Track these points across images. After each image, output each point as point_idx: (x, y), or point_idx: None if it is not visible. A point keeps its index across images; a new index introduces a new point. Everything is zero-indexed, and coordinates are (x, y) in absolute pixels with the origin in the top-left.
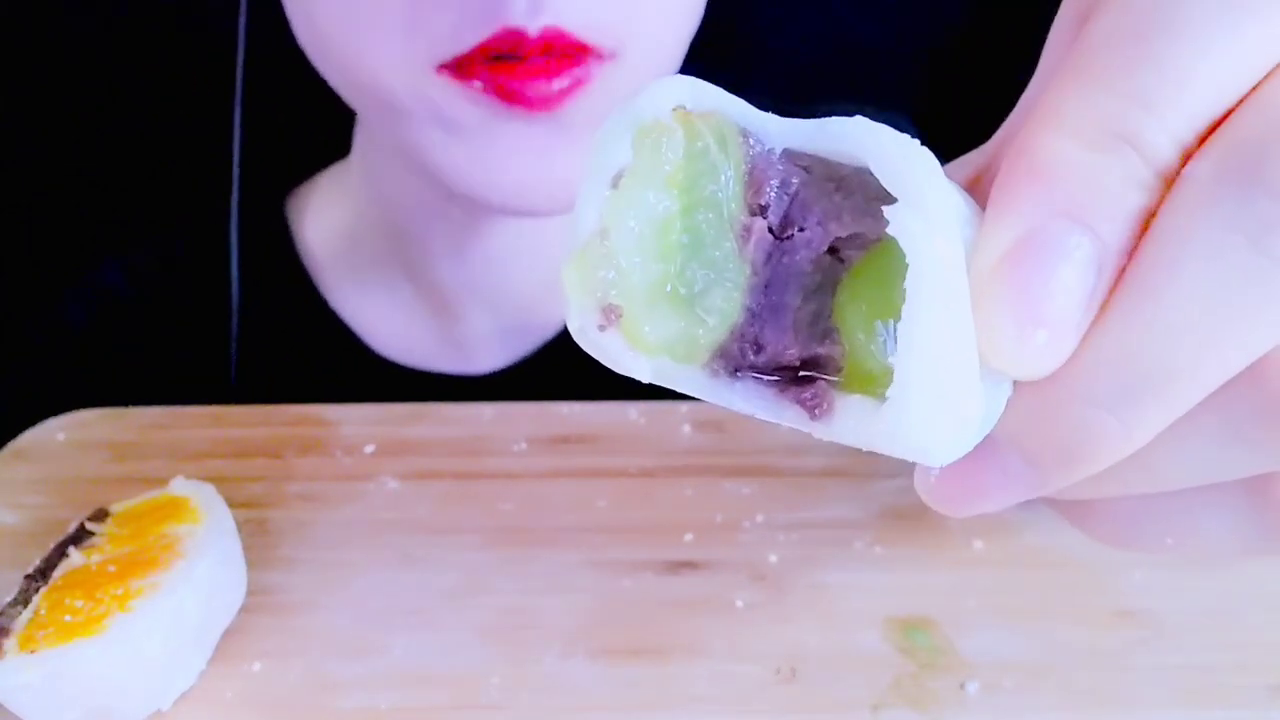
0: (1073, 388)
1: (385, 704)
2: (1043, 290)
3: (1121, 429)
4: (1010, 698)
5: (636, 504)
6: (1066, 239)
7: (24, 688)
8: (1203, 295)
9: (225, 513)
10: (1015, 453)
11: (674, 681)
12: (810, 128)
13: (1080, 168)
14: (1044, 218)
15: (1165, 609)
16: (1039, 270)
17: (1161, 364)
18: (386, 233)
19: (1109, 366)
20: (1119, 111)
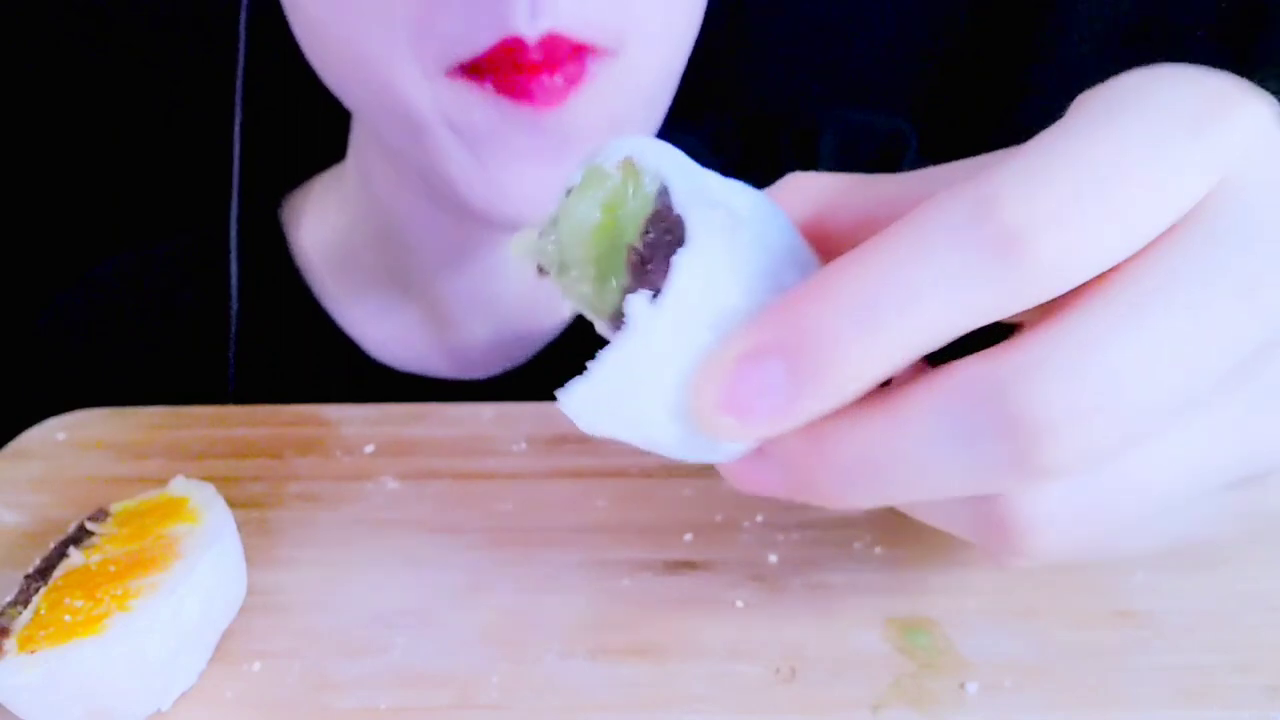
0: (822, 453)
1: (385, 703)
2: (738, 391)
3: (849, 498)
4: (1010, 697)
5: (636, 504)
6: (771, 370)
7: (24, 688)
8: (919, 447)
9: (225, 512)
10: (777, 470)
11: (673, 681)
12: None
13: (815, 325)
14: (770, 345)
15: (1164, 610)
16: (742, 378)
17: (885, 477)
18: (382, 240)
19: (849, 457)
20: (865, 296)
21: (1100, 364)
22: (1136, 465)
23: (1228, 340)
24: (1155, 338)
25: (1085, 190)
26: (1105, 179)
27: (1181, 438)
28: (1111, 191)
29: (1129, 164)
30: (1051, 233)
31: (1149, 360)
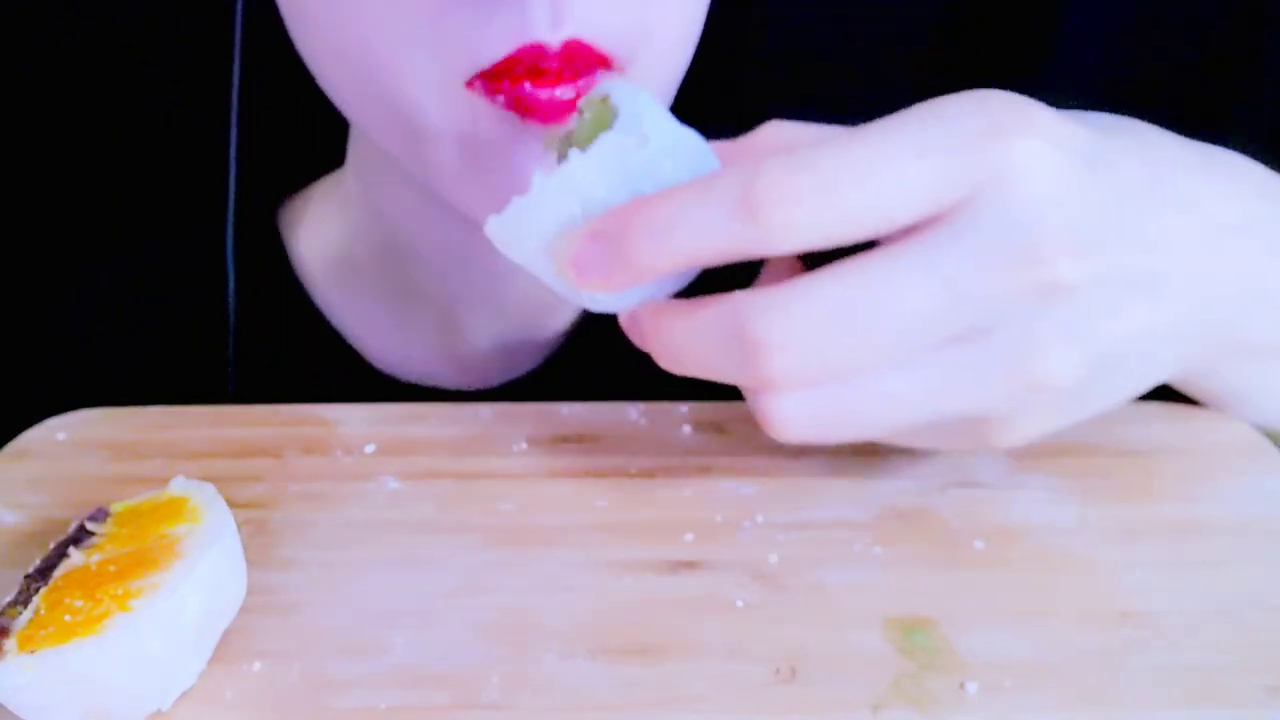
0: (637, 219)
1: (385, 703)
2: (580, 257)
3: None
4: (1010, 697)
5: (637, 504)
6: (600, 251)
7: (23, 688)
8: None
9: (225, 512)
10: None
11: (674, 681)
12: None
13: (632, 230)
14: (612, 231)
15: (1164, 610)
16: (585, 249)
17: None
18: (384, 247)
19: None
20: (647, 220)
21: (810, 311)
22: (852, 389)
23: (931, 316)
24: (867, 299)
25: (822, 183)
26: (846, 181)
27: (890, 376)
28: (844, 191)
29: (873, 167)
30: (780, 209)
31: (858, 316)
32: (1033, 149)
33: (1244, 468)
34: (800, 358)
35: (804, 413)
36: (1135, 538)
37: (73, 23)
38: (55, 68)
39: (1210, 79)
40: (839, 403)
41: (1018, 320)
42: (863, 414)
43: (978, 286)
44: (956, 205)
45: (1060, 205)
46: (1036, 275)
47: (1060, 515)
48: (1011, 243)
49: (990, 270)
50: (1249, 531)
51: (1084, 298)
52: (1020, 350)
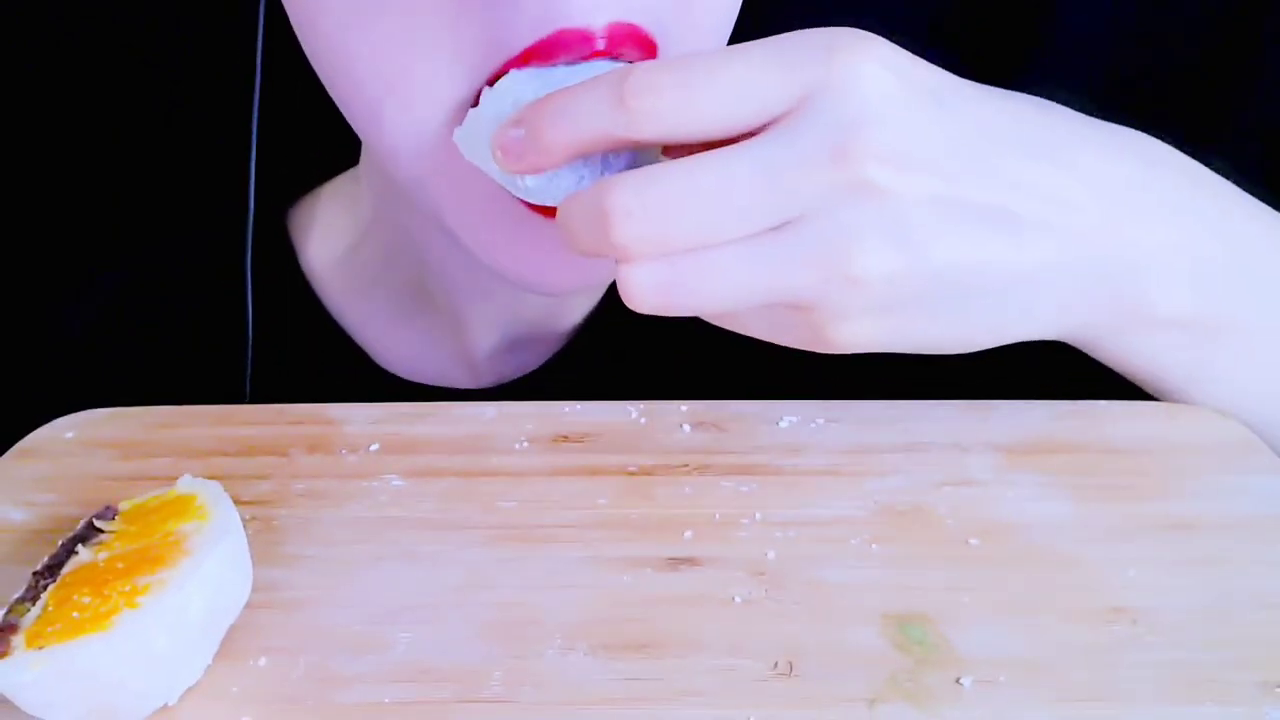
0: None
1: (389, 698)
2: (506, 144)
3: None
4: (1005, 692)
5: (636, 501)
6: (514, 131)
7: (31, 684)
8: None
9: (232, 510)
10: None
11: (673, 676)
12: None
13: (535, 111)
14: (527, 116)
15: (1158, 606)
16: (504, 130)
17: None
18: (394, 248)
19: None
20: (550, 105)
21: (656, 190)
22: (691, 264)
23: (752, 198)
24: (702, 180)
25: (680, 81)
26: (700, 81)
27: (722, 255)
28: (697, 88)
29: (724, 73)
30: (644, 98)
31: (695, 194)
32: (866, 69)
33: (1236, 465)
34: (643, 228)
35: (648, 281)
36: (1128, 535)
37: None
38: (66, 69)
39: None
40: (678, 274)
41: (829, 213)
42: (697, 287)
43: (794, 180)
44: (790, 110)
45: (881, 118)
46: (846, 174)
47: (1054, 512)
48: (827, 142)
49: (806, 166)
50: (1241, 528)
51: (906, 208)
52: (829, 239)
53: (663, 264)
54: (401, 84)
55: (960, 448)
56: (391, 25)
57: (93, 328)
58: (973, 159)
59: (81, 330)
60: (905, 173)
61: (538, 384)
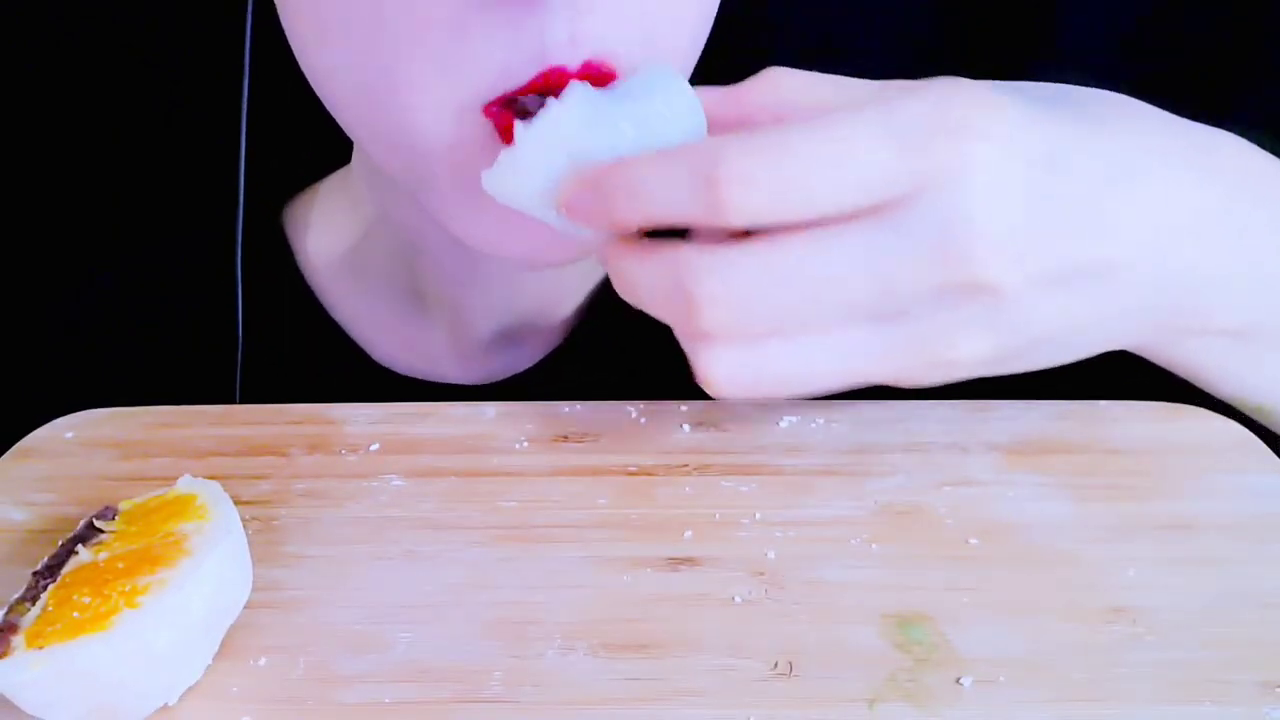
0: (618, 176)
1: (389, 698)
2: (575, 200)
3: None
4: (1004, 692)
5: (636, 501)
6: (591, 198)
7: (31, 684)
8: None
9: (232, 510)
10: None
11: (673, 676)
12: None
13: (614, 181)
14: (600, 180)
15: (1158, 606)
16: (578, 194)
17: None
18: (391, 243)
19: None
20: (622, 179)
21: (746, 274)
22: (780, 350)
23: (857, 295)
24: (799, 268)
25: (779, 174)
26: (800, 169)
27: (815, 342)
28: (797, 178)
29: (826, 161)
30: (737, 190)
31: (790, 282)
32: (981, 154)
33: (1235, 465)
34: (731, 315)
35: (730, 368)
36: (1127, 534)
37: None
38: (60, 67)
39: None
40: (762, 362)
41: (935, 312)
42: (783, 375)
43: (903, 278)
44: (899, 199)
45: (997, 212)
46: (960, 276)
47: (1053, 512)
48: (941, 243)
49: (917, 265)
50: (1240, 528)
51: (1014, 296)
52: (933, 333)
53: (748, 349)
54: (402, 95)
55: (960, 448)
56: (380, 43)
57: (86, 325)
58: (1080, 222)
59: (75, 328)
60: (1016, 264)
61: (535, 381)
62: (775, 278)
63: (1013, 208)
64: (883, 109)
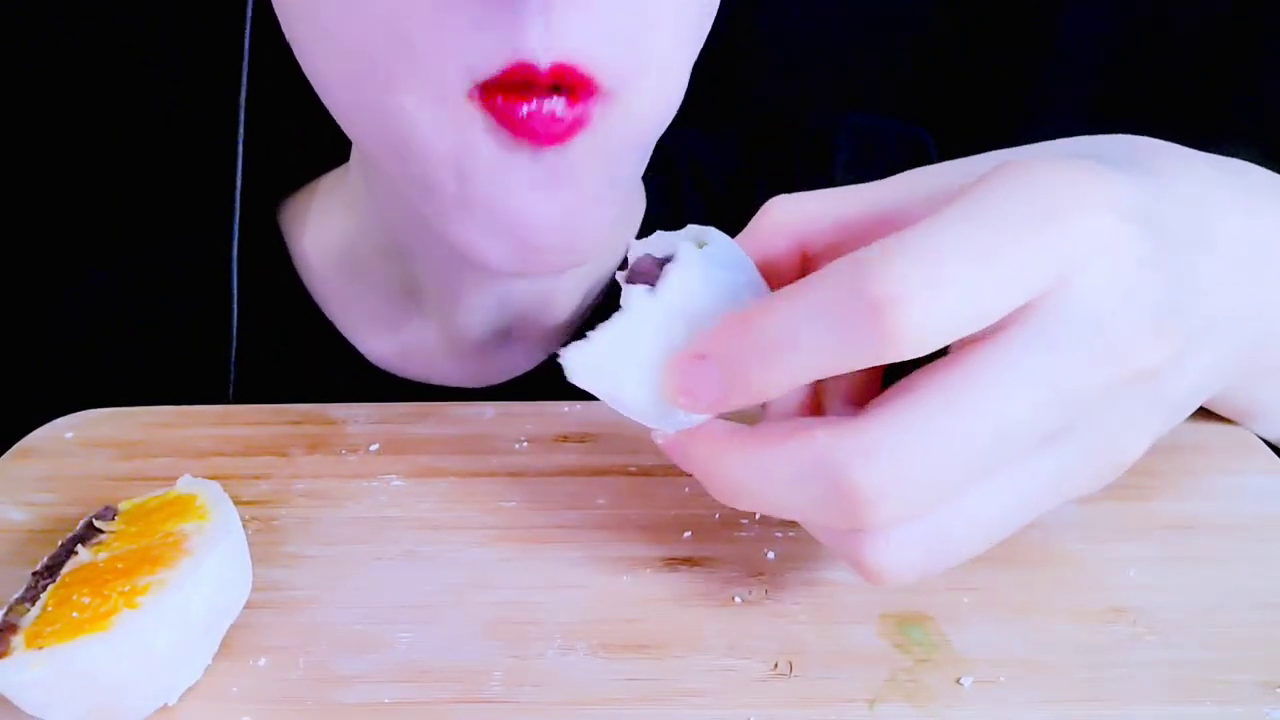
0: (708, 454)
1: (389, 698)
2: (688, 383)
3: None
4: (1005, 692)
5: (636, 502)
6: (710, 373)
7: (31, 684)
8: (771, 486)
9: (231, 510)
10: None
11: (673, 676)
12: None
13: (740, 348)
14: (712, 352)
15: (1158, 606)
16: (690, 375)
17: (736, 500)
18: (387, 243)
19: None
20: (764, 338)
21: (909, 450)
22: (952, 515)
23: (1030, 423)
24: (968, 423)
25: (944, 277)
26: (961, 270)
27: (988, 492)
28: (967, 279)
29: (983, 255)
30: (904, 309)
31: (960, 442)
32: (1102, 228)
33: (1236, 466)
34: (902, 503)
35: (902, 554)
36: (1129, 535)
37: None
38: (57, 67)
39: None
40: (937, 535)
41: (1103, 414)
42: (962, 541)
43: (1068, 387)
44: (1034, 300)
45: (1135, 290)
46: (1123, 368)
47: (1054, 512)
48: (1096, 338)
49: (1079, 369)
50: (1241, 529)
51: (1165, 373)
52: (1106, 440)
53: (918, 527)
54: (387, 83)
55: None
56: (365, 37)
57: (81, 324)
58: (1186, 278)
59: (70, 327)
60: (1164, 338)
61: (532, 385)
62: (940, 443)
63: (1148, 281)
64: (981, 203)
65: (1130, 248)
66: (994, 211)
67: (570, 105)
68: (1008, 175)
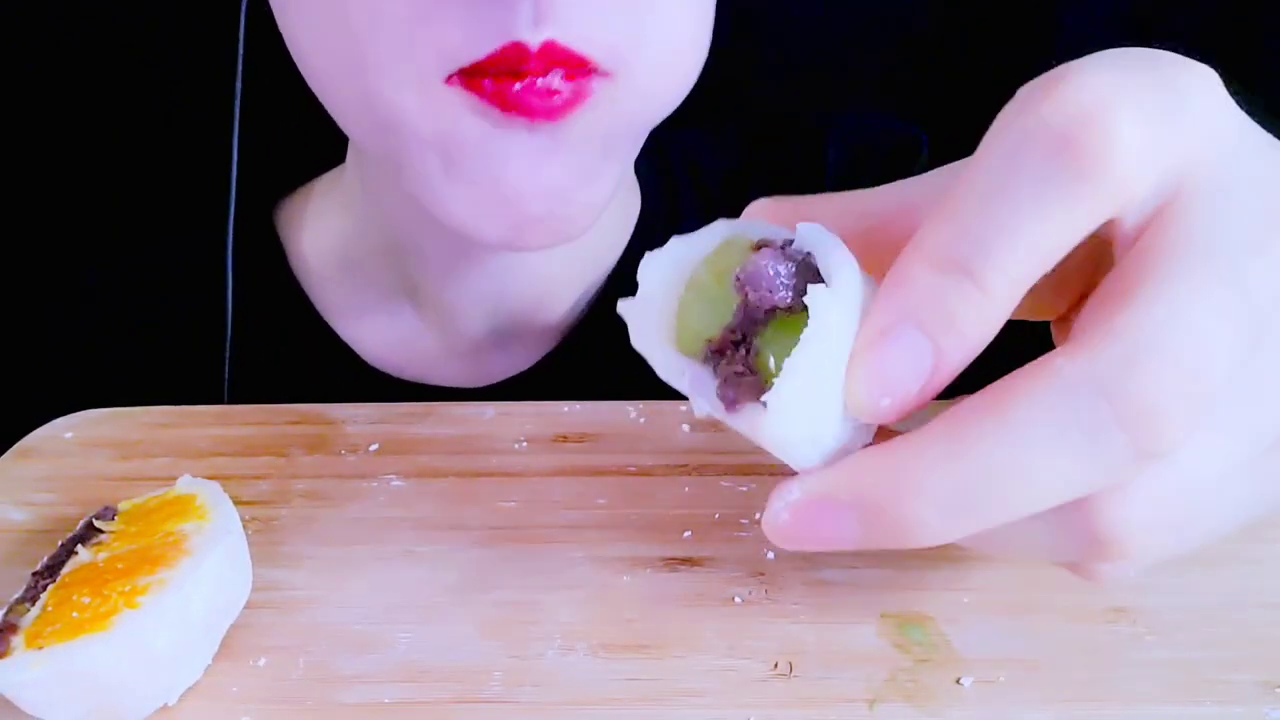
0: (914, 484)
1: (389, 698)
2: (888, 372)
3: (941, 528)
4: (1005, 692)
5: (636, 501)
6: (908, 338)
7: (31, 684)
8: (1032, 453)
9: (231, 510)
10: (854, 515)
11: (672, 676)
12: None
13: (926, 285)
14: (896, 319)
15: (1158, 606)
16: (887, 358)
17: (987, 495)
18: (382, 245)
19: (947, 481)
20: (958, 245)
21: (1189, 340)
22: (1201, 443)
23: (1253, 297)
24: (1210, 304)
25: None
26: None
27: (1230, 405)
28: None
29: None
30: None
31: (1216, 327)
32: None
33: None
34: (1190, 406)
35: (1153, 507)
36: None
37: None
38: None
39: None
40: (1184, 467)
41: None
42: (1205, 467)
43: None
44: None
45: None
46: None
47: None
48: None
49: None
50: None
51: None
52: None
53: (1174, 477)
54: (370, 67)
55: None
56: (348, 18)
57: (76, 325)
58: None
59: (66, 327)
60: None
61: (529, 385)
62: (1201, 328)
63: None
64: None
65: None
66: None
67: (567, 80)
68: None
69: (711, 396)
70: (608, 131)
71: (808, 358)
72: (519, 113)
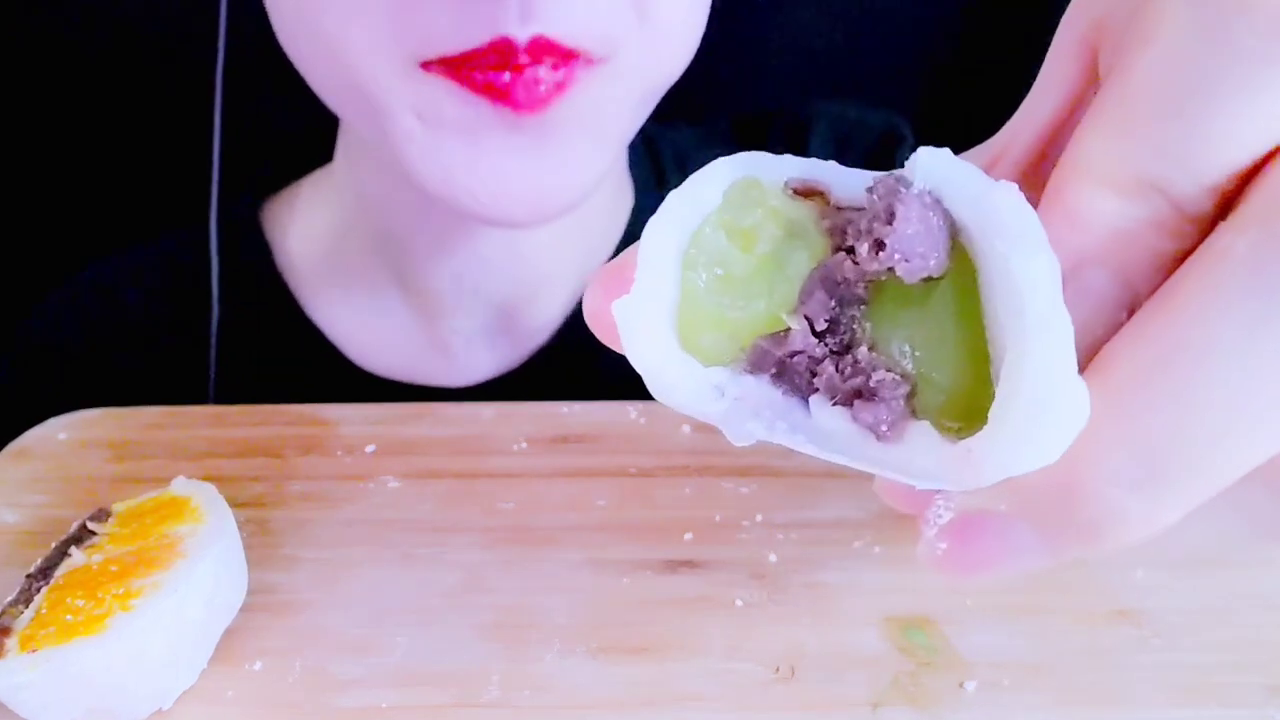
0: (1095, 466)
1: (386, 702)
2: (1077, 330)
3: (1141, 511)
4: (1008, 696)
5: (636, 503)
6: (1096, 284)
7: (25, 687)
8: (1232, 387)
9: (226, 512)
10: (1028, 527)
11: (673, 679)
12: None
13: (1110, 215)
14: (1076, 263)
15: (1163, 608)
16: (1075, 313)
17: (1185, 451)
18: (372, 238)
19: (1132, 446)
20: (1148, 161)
21: None
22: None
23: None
24: None
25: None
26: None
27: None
28: None
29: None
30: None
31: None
32: None
33: None
34: None
35: None
36: None
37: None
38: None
39: None
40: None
41: None
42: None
43: None
44: None
45: None
46: None
47: None
48: None
49: None
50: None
51: None
52: None
53: None
54: (348, 48)
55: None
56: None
57: (64, 325)
58: None
59: (54, 328)
60: None
61: (517, 384)
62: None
63: None
64: None
65: None
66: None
67: (555, 69)
68: None
69: (800, 418)
70: (595, 114)
71: (1037, 348)
72: (506, 103)
